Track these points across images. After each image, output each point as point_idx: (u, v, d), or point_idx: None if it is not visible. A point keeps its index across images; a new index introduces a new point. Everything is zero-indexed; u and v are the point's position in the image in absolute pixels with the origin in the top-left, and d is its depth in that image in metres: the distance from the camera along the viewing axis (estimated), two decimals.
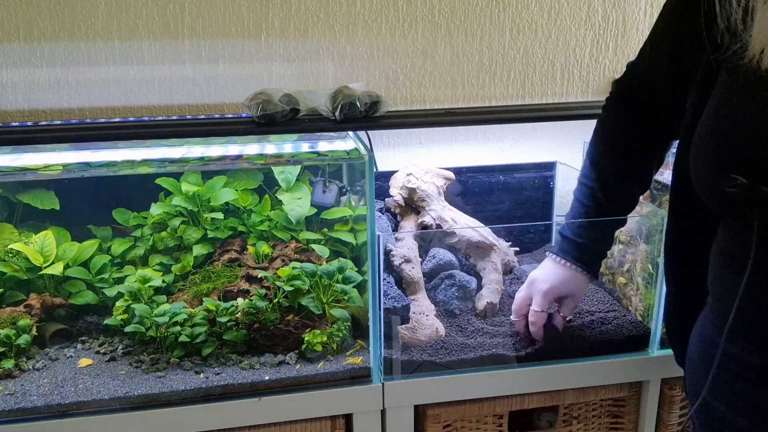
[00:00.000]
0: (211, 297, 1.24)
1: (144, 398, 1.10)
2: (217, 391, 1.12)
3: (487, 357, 1.19)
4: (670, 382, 1.27)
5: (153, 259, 1.32)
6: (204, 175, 1.33)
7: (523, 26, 1.58)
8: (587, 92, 1.66)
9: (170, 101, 1.48)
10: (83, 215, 1.33)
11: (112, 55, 1.43)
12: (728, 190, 0.69)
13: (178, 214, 1.33)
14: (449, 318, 1.29)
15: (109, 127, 1.28)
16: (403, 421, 1.18)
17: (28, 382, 1.13)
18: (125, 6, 1.40)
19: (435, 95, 1.59)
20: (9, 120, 1.43)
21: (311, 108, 1.23)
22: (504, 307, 1.33)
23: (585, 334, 1.24)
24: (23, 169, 1.17)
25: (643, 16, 1.64)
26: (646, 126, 1.02)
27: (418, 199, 1.41)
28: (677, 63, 0.87)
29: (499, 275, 1.36)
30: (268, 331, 1.20)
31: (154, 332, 1.19)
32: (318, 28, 1.49)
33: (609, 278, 1.42)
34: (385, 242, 1.31)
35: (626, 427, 1.30)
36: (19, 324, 1.19)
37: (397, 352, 1.18)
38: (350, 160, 1.30)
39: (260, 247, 1.31)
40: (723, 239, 0.79)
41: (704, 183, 0.75)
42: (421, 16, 1.52)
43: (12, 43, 1.39)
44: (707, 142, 0.74)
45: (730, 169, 0.69)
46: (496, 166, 1.62)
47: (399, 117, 1.30)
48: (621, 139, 1.07)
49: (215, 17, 1.44)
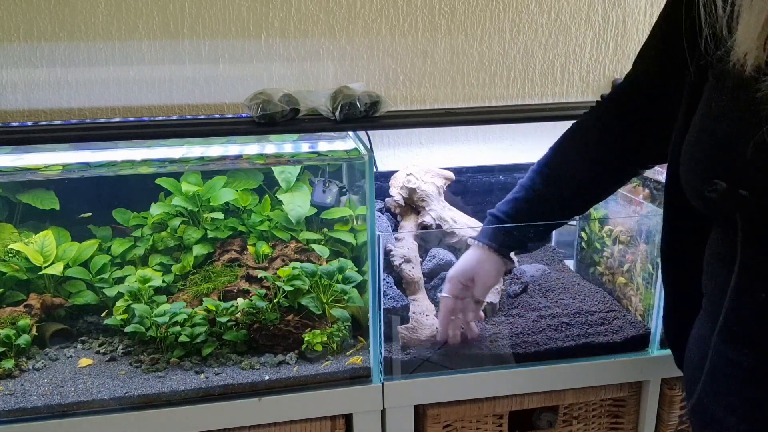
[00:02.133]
0: (211, 297, 1.24)
1: (144, 398, 1.10)
2: (217, 391, 1.12)
3: (487, 357, 1.19)
4: (670, 382, 1.27)
5: (153, 259, 1.32)
6: (204, 175, 1.33)
7: (523, 26, 1.58)
8: (587, 92, 1.66)
9: (170, 101, 1.48)
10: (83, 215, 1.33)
11: (112, 55, 1.43)
12: (709, 195, 0.69)
13: (178, 214, 1.33)
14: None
15: (109, 127, 1.28)
16: (403, 421, 1.18)
17: (28, 382, 1.13)
18: (125, 6, 1.40)
19: (435, 95, 1.59)
20: (9, 120, 1.43)
21: (311, 108, 1.23)
22: (504, 307, 1.33)
23: (585, 334, 1.25)
24: (23, 169, 1.17)
25: (643, 16, 1.64)
26: (627, 138, 1.00)
27: (418, 199, 1.41)
28: (665, 69, 0.88)
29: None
30: (268, 331, 1.20)
31: (154, 332, 1.19)
32: (318, 28, 1.49)
33: (609, 278, 1.42)
34: (385, 242, 1.31)
35: (626, 427, 1.30)
36: (19, 324, 1.19)
37: (397, 352, 1.18)
38: (350, 160, 1.30)
39: (260, 247, 1.31)
40: (714, 240, 0.80)
41: (691, 187, 0.75)
42: (421, 16, 1.52)
43: (12, 43, 1.39)
44: (693, 147, 0.74)
45: (713, 173, 0.69)
46: (496, 166, 1.62)
47: (399, 117, 1.30)
48: (596, 143, 1.03)
49: (215, 17, 1.44)
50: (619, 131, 1.00)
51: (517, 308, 1.33)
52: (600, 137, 1.03)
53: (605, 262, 1.43)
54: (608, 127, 1.01)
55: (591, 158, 1.03)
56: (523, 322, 1.27)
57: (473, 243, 1.11)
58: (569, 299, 1.36)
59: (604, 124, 1.02)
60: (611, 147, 1.01)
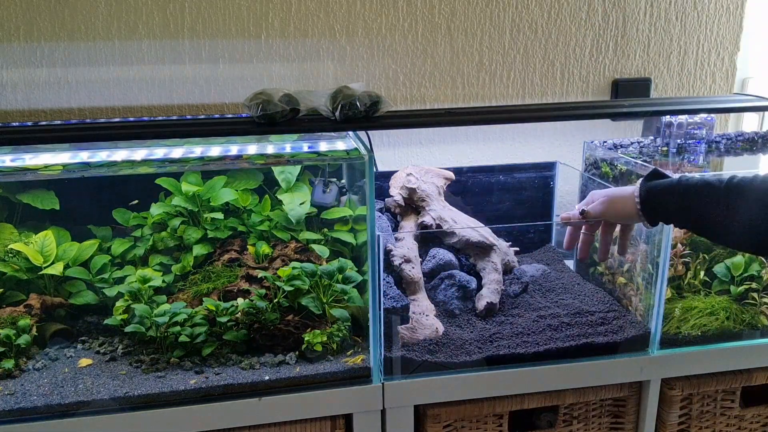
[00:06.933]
0: (211, 297, 1.24)
1: (144, 398, 1.10)
2: (217, 391, 1.12)
3: (487, 357, 1.19)
4: (670, 382, 1.27)
5: (153, 259, 1.32)
6: (204, 175, 1.33)
7: (523, 26, 1.58)
8: (587, 92, 1.66)
9: (170, 101, 1.48)
10: (83, 215, 1.33)
11: (112, 55, 1.43)
12: None
13: (178, 214, 1.33)
14: (449, 318, 1.29)
15: (109, 127, 1.28)
16: (403, 421, 1.18)
17: (28, 382, 1.13)
18: (125, 6, 1.40)
19: (435, 95, 1.59)
20: (9, 120, 1.43)
21: (311, 108, 1.23)
22: (504, 307, 1.33)
23: (585, 334, 1.25)
24: (23, 169, 1.17)
25: (643, 16, 1.64)
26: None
27: (418, 199, 1.41)
28: None
29: (499, 275, 1.36)
30: (268, 331, 1.20)
31: (154, 332, 1.19)
32: (318, 28, 1.49)
33: (609, 278, 1.42)
34: (385, 242, 1.31)
35: (626, 427, 1.30)
36: (19, 324, 1.19)
37: (397, 352, 1.18)
38: (350, 160, 1.30)
39: (260, 247, 1.31)
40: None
41: None
42: (421, 16, 1.53)
43: (12, 43, 1.39)
44: None
45: None
46: (496, 166, 1.62)
47: (399, 117, 1.30)
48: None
49: (215, 17, 1.44)
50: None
51: (517, 308, 1.33)
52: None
53: (605, 262, 1.43)
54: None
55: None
56: (523, 322, 1.27)
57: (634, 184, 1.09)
58: (569, 299, 1.36)
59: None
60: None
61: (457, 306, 1.31)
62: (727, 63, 1.73)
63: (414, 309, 1.24)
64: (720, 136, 1.51)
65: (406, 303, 1.23)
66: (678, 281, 1.32)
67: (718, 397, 1.32)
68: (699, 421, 1.32)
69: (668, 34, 1.66)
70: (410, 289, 1.29)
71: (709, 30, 1.69)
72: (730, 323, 1.28)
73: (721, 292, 1.32)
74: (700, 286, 1.32)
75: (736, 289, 1.30)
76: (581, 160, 1.53)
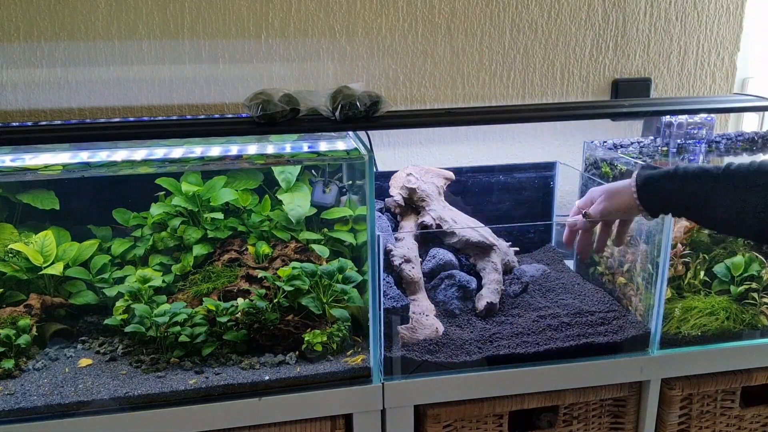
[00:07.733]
0: (211, 297, 1.24)
1: (144, 398, 1.10)
2: (217, 391, 1.12)
3: (487, 357, 1.19)
4: (670, 382, 1.27)
5: (153, 259, 1.32)
6: (204, 175, 1.33)
7: (523, 26, 1.58)
8: (587, 92, 1.66)
9: (170, 101, 1.48)
10: (83, 215, 1.33)
11: (112, 55, 1.43)
12: None
13: (178, 214, 1.33)
14: (449, 318, 1.29)
15: (109, 127, 1.28)
16: (403, 421, 1.18)
17: (28, 382, 1.13)
18: (125, 6, 1.40)
19: (435, 95, 1.59)
20: (9, 120, 1.43)
21: (311, 108, 1.23)
22: (504, 307, 1.33)
23: (585, 334, 1.25)
24: (23, 169, 1.17)
25: (643, 16, 1.64)
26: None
27: (418, 199, 1.41)
28: None
29: (499, 275, 1.36)
30: (268, 331, 1.20)
31: (154, 332, 1.19)
32: (318, 28, 1.49)
33: (609, 278, 1.42)
34: (385, 242, 1.31)
35: (626, 427, 1.30)
36: (19, 324, 1.19)
37: (397, 352, 1.18)
38: (350, 160, 1.30)
39: (260, 247, 1.31)
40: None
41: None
42: (421, 16, 1.53)
43: (12, 43, 1.39)
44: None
45: None
46: (496, 166, 1.62)
47: (399, 117, 1.30)
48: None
49: (215, 17, 1.44)
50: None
51: (517, 308, 1.33)
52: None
53: (605, 262, 1.43)
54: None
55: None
56: (523, 322, 1.27)
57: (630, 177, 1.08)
58: (569, 299, 1.36)
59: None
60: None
61: (457, 306, 1.31)
62: (727, 63, 1.73)
63: (414, 309, 1.24)
64: (720, 136, 1.51)
65: (406, 303, 1.23)
66: (678, 281, 1.32)
67: (718, 397, 1.32)
68: (699, 421, 1.32)
69: (668, 34, 1.67)
70: (410, 289, 1.29)
71: (709, 30, 1.69)
72: (730, 323, 1.28)
73: (721, 292, 1.32)
74: (700, 286, 1.32)
75: (736, 289, 1.31)
76: (581, 160, 1.53)
